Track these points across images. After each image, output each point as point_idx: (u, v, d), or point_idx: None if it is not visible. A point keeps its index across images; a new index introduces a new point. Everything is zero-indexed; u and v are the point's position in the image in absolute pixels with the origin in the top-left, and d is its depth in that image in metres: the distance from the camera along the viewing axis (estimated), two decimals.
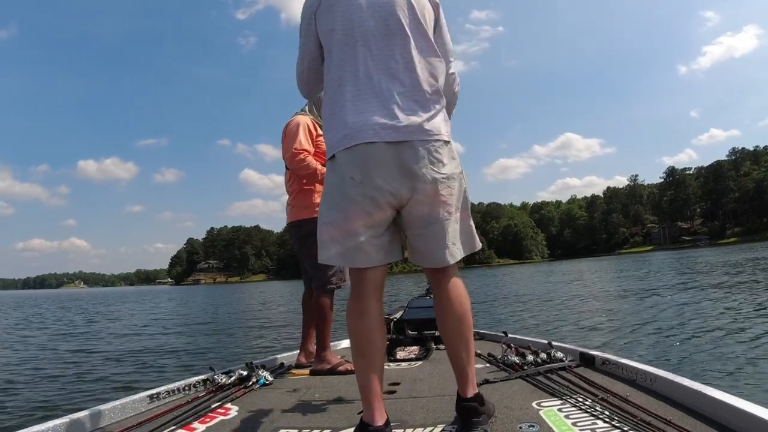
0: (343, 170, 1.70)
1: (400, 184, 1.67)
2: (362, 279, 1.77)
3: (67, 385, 6.82)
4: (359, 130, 1.68)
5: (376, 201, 1.68)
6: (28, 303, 39.54)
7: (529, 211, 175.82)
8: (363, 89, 1.72)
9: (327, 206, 1.78)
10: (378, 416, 1.67)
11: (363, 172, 1.67)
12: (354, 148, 1.68)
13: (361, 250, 1.71)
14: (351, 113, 1.71)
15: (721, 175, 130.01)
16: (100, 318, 19.89)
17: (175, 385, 2.68)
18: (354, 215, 1.69)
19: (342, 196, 1.71)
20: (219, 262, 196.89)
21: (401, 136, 1.68)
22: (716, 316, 8.48)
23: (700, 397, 1.80)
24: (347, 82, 1.74)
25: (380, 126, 1.67)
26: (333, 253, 1.75)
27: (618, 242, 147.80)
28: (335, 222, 1.73)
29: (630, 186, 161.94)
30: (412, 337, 4.06)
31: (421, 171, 1.68)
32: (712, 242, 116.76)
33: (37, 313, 24.58)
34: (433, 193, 1.71)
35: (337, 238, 1.73)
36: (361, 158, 1.67)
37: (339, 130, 1.72)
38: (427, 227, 1.74)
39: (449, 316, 1.79)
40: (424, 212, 1.72)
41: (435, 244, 1.75)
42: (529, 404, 2.07)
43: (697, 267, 26.06)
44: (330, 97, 1.79)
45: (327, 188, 1.80)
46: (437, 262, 1.77)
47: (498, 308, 13.90)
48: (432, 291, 1.88)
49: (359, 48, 1.75)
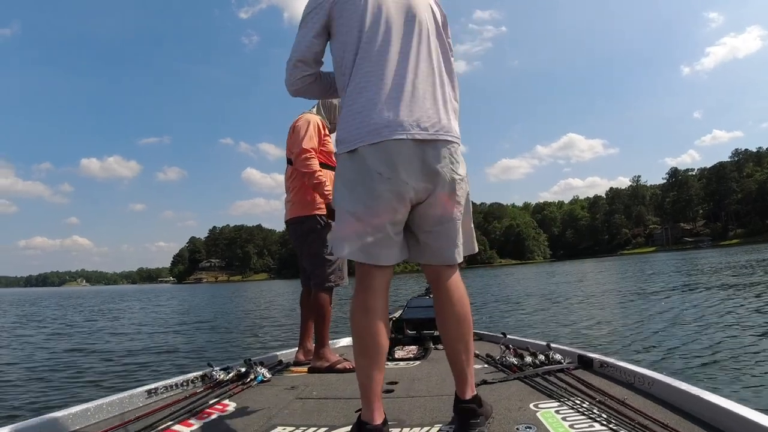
0: (369, 165, 1.69)
1: (422, 182, 1.69)
2: (372, 276, 1.75)
3: (64, 380, 6.82)
4: (387, 126, 1.68)
5: (401, 197, 1.68)
6: (29, 301, 39.53)
7: (532, 212, 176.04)
8: (391, 86, 1.72)
9: (351, 200, 1.73)
10: (376, 415, 1.67)
11: (391, 169, 1.66)
12: (381, 144, 1.68)
13: (384, 246, 1.71)
14: (378, 109, 1.71)
15: (723, 176, 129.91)
16: (101, 316, 19.85)
17: (173, 381, 2.68)
18: (381, 211, 1.68)
19: (368, 192, 1.68)
20: (221, 261, 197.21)
21: (428, 135, 1.70)
22: (717, 320, 8.42)
23: (697, 402, 1.79)
24: (374, 78, 1.73)
25: (409, 124, 1.69)
26: (354, 249, 1.72)
27: (620, 243, 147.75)
28: (360, 216, 1.70)
29: (632, 187, 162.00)
30: (411, 337, 4.07)
31: (443, 170, 1.71)
32: (714, 244, 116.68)
33: (35, 311, 24.55)
34: (450, 192, 1.74)
35: (360, 232, 1.70)
36: (388, 154, 1.67)
37: (364, 125, 1.71)
38: (440, 225, 1.76)
39: (450, 317, 1.78)
40: (438, 211, 1.74)
41: (446, 242, 1.77)
42: (526, 406, 2.06)
43: (699, 269, 25.95)
44: (354, 91, 1.77)
45: (348, 182, 1.75)
46: (446, 259, 1.78)
47: (498, 309, 13.87)
48: (432, 291, 1.87)
49: (387, 44, 1.75)
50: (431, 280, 1.85)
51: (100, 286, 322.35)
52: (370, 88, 1.74)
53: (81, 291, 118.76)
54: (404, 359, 3.43)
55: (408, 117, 1.69)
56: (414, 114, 1.70)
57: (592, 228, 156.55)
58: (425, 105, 1.73)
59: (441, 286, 1.80)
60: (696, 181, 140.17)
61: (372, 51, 1.75)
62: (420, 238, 1.79)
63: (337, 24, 1.82)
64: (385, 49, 1.75)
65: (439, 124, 1.73)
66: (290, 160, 3.37)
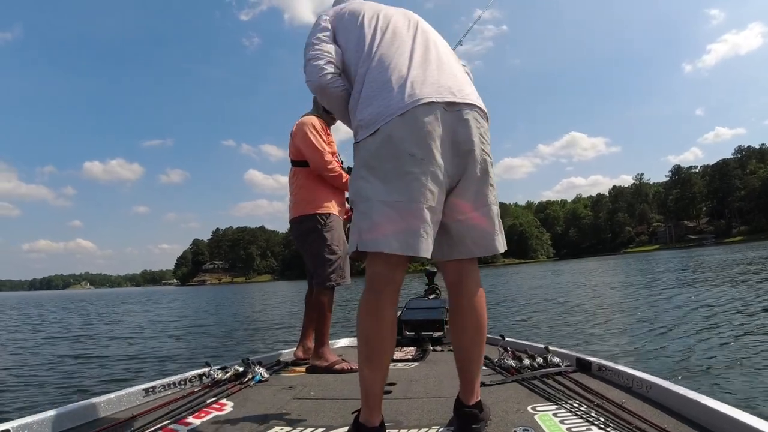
0: (398, 147, 1.57)
1: (453, 162, 1.61)
2: (385, 275, 1.65)
3: (63, 378, 6.86)
4: (413, 91, 1.59)
5: (437, 179, 1.58)
6: (31, 304, 39.62)
7: (534, 211, 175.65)
8: (416, 55, 1.71)
9: (380, 188, 1.59)
10: (374, 417, 1.66)
11: (424, 150, 1.56)
12: (409, 114, 1.57)
13: (423, 237, 1.57)
14: (404, 76, 1.64)
15: (727, 173, 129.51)
16: (102, 318, 19.91)
17: (171, 380, 2.68)
18: (419, 196, 1.56)
19: (400, 176, 1.57)
20: (224, 263, 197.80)
21: (459, 99, 1.63)
22: (718, 321, 8.38)
23: (695, 406, 1.78)
24: (396, 54, 1.71)
25: (437, 88, 1.62)
26: (391, 239, 1.56)
27: (623, 241, 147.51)
28: (393, 205, 1.57)
29: (635, 185, 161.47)
30: (409, 338, 4.06)
31: (475, 149, 1.64)
32: (718, 241, 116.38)
33: (38, 314, 24.62)
34: (483, 174, 1.66)
35: (398, 222, 1.56)
36: (418, 129, 1.56)
37: (390, 96, 1.61)
38: (477, 210, 1.67)
39: (469, 319, 1.72)
40: (473, 195, 1.66)
41: (486, 229, 1.68)
42: (524, 408, 2.06)
43: (701, 267, 25.87)
44: (375, 69, 1.70)
45: (375, 168, 1.62)
46: (488, 249, 1.69)
47: (498, 309, 13.85)
48: (451, 293, 1.78)
49: (402, 35, 1.77)
50: (451, 279, 1.77)
51: (104, 288, 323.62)
52: (393, 61, 1.69)
53: (85, 294, 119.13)
54: (402, 360, 3.42)
55: (435, 84, 1.63)
56: (442, 80, 1.65)
57: (596, 226, 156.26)
58: (454, 72, 1.71)
59: (463, 286, 1.73)
60: (699, 179, 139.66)
61: (387, 37, 1.76)
62: (453, 228, 1.68)
63: (346, 22, 1.88)
64: (401, 35, 1.77)
65: (471, 91, 1.70)
66: (294, 161, 3.40)
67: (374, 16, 1.84)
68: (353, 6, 1.91)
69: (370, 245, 1.60)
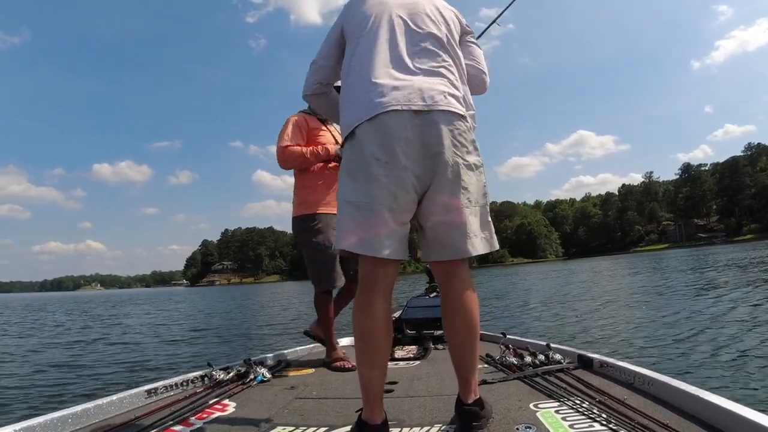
0: (366, 151, 1.63)
1: (423, 165, 1.63)
2: (375, 274, 1.69)
3: (65, 380, 6.91)
4: (381, 98, 1.63)
5: (402, 182, 1.61)
6: (39, 306, 39.91)
7: (543, 210, 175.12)
8: (387, 61, 1.72)
9: (351, 187, 1.67)
10: (377, 415, 1.66)
11: (388, 153, 1.60)
12: (376, 120, 1.62)
13: (386, 237, 1.62)
14: (373, 83, 1.68)
15: (737, 171, 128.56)
16: (109, 320, 20.03)
17: (173, 381, 2.68)
18: (380, 198, 1.61)
19: (366, 178, 1.62)
20: (233, 263, 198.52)
21: (425, 105, 1.64)
22: (722, 318, 8.34)
23: (697, 402, 1.77)
24: (369, 56, 1.74)
25: (405, 96, 1.64)
26: (354, 240, 1.64)
27: (633, 240, 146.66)
28: (360, 206, 1.63)
29: (645, 183, 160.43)
30: (411, 337, 4.06)
31: (444, 152, 1.64)
32: (728, 239, 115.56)
33: (44, 316, 24.81)
34: (455, 177, 1.66)
35: (361, 223, 1.63)
36: (384, 134, 1.61)
37: (359, 102, 1.68)
38: (448, 213, 1.68)
39: (458, 319, 1.74)
40: (445, 198, 1.67)
41: (457, 232, 1.69)
42: (526, 406, 2.05)
43: (711, 265, 25.74)
44: (350, 72, 1.78)
45: (348, 170, 1.70)
46: (458, 252, 1.69)
47: (501, 308, 13.83)
48: (441, 291, 1.81)
49: (386, 27, 1.78)
50: (440, 280, 1.80)
51: (114, 289, 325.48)
52: (365, 66, 1.73)
53: (94, 295, 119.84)
54: (404, 359, 3.41)
55: (404, 89, 1.65)
56: (412, 84, 1.67)
57: (605, 225, 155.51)
58: (428, 79, 1.71)
59: (451, 287, 1.75)
60: (709, 177, 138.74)
61: (371, 35, 1.78)
62: (427, 230, 1.72)
63: (345, 24, 1.91)
64: (384, 32, 1.77)
65: (442, 96, 1.68)
66: None
67: (367, 5, 1.86)
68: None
69: (342, 244, 1.68)
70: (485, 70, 2.01)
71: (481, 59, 2.00)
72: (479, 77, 1.99)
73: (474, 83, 1.96)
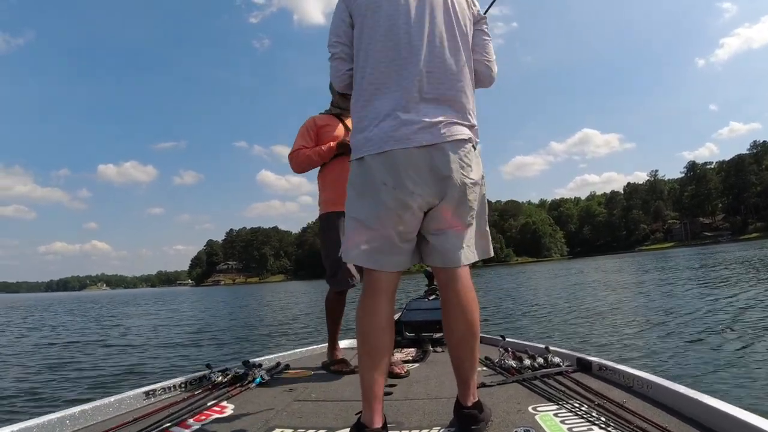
0: (374, 175, 1.69)
1: (431, 189, 1.68)
2: (378, 280, 1.75)
3: (64, 381, 6.92)
4: (391, 137, 1.67)
5: (407, 206, 1.68)
6: (44, 306, 40.06)
7: (548, 209, 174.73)
8: (396, 93, 1.71)
9: (360, 206, 1.75)
10: (376, 418, 1.66)
11: (396, 179, 1.66)
12: (386, 153, 1.67)
13: (389, 253, 1.72)
14: (383, 119, 1.70)
15: (742, 169, 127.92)
16: (110, 320, 20.07)
17: (171, 382, 2.69)
18: (386, 220, 1.69)
19: (374, 201, 1.70)
20: (238, 263, 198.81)
21: (433, 139, 1.67)
22: (725, 320, 8.29)
23: (696, 405, 1.77)
24: (380, 86, 1.74)
25: (413, 132, 1.67)
26: (360, 254, 1.74)
27: (638, 239, 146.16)
28: (367, 224, 1.72)
29: (650, 182, 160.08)
30: (410, 339, 4.06)
31: (454, 176, 1.69)
32: (734, 238, 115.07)
33: (48, 316, 24.91)
34: (461, 197, 1.72)
35: (367, 239, 1.72)
36: (393, 164, 1.67)
37: (369, 135, 1.72)
38: (450, 228, 1.74)
39: (458, 322, 1.76)
40: (448, 215, 1.73)
41: (453, 244, 1.75)
42: (525, 409, 2.05)
43: (715, 265, 25.61)
44: (360, 99, 1.79)
45: (357, 189, 1.77)
46: (452, 261, 1.75)
47: (502, 308, 13.80)
48: (441, 294, 1.84)
49: (394, 47, 1.74)
50: (440, 283, 1.83)
51: (119, 289, 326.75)
52: (376, 96, 1.74)
53: (99, 295, 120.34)
54: (403, 362, 3.41)
55: (413, 125, 1.67)
56: (420, 120, 1.68)
57: (610, 224, 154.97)
58: (434, 109, 1.71)
59: (450, 290, 1.77)
60: (714, 175, 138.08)
61: (379, 56, 1.75)
62: (429, 240, 1.77)
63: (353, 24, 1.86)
64: (391, 53, 1.74)
65: (449, 127, 1.70)
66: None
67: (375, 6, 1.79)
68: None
69: (344, 255, 1.79)
70: (494, 67, 1.98)
71: (491, 53, 1.96)
72: (487, 74, 1.96)
73: (481, 79, 1.95)
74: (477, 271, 64.34)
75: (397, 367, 2.94)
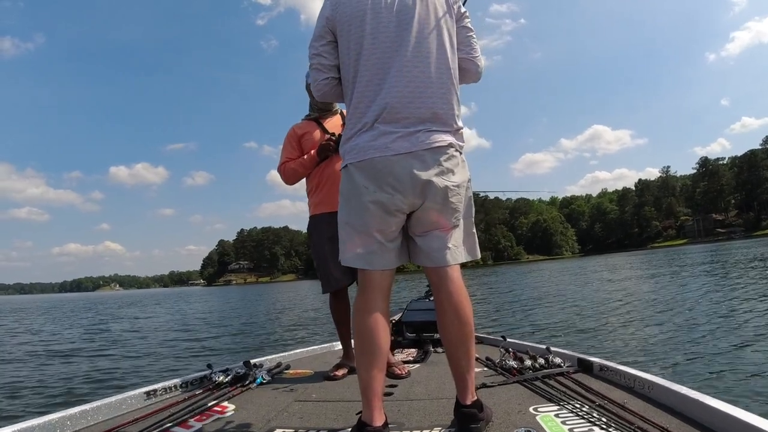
0: (356, 181, 1.77)
1: (412, 192, 1.73)
2: (371, 280, 1.80)
3: (65, 381, 6.96)
4: (371, 146, 1.74)
5: (388, 209, 1.74)
6: (54, 306, 40.41)
7: (559, 206, 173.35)
8: (377, 104, 1.76)
9: (347, 211, 1.84)
10: (377, 417, 1.68)
11: (376, 184, 1.73)
12: (366, 161, 1.74)
13: (377, 253, 1.78)
14: (364, 129, 1.77)
15: (755, 164, 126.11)
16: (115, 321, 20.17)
17: (172, 383, 2.71)
18: (370, 222, 1.76)
19: (358, 205, 1.77)
20: (249, 263, 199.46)
21: (411, 147, 1.72)
22: (730, 320, 8.20)
23: (697, 406, 1.76)
24: (364, 98, 1.79)
25: (393, 141, 1.72)
26: (351, 256, 1.82)
27: (650, 236, 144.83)
28: (354, 227, 1.80)
29: (662, 178, 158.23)
30: (411, 340, 4.06)
31: (435, 180, 1.73)
32: (747, 234, 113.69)
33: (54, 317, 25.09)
34: (444, 200, 1.76)
35: (356, 241, 1.80)
36: (373, 171, 1.74)
37: (351, 145, 1.80)
38: (435, 229, 1.79)
39: (450, 320, 1.78)
40: (432, 218, 1.77)
41: (438, 245, 1.79)
42: (525, 409, 2.05)
43: (728, 262, 25.33)
44: (349, 110, 1.86)
45: (345, 193, 1.85)
46: (438, 261, 1.79)
47: (503, 309, 13.75)
48: (433, 294, 1.87)
49: (380, 58, 1.78)
50: (432, 283, 1.86)
51: (132, 290, 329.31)
52: (360, 108, 1.79)
53: (111, 295, 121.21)
54: (404, 362, 3.40)
55: (391, 134, 1.72)
56: (398, 130, 1.73)
57: (621, 221, 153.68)
58: (414, 119, 1.74)
59: (441, 289, 1.80)
60: (727, 171, 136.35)
61: (363, 68, 1.78)
62: (416, 241, 1.83)
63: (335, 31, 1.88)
64: (376, 65, 1.77)
65: (428, 135, 1.73)
66: None
67: (362, 15, 1.81)
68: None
69: (343, 258, 1.86)
70: (480, 62, 1.99)
71: (476, 49, 1.96)
72: (474, 70, 1.99)
73: (468, 75, 1.98)
74: (487, 270, 64.14)
75: (398, 368, 2.93)
